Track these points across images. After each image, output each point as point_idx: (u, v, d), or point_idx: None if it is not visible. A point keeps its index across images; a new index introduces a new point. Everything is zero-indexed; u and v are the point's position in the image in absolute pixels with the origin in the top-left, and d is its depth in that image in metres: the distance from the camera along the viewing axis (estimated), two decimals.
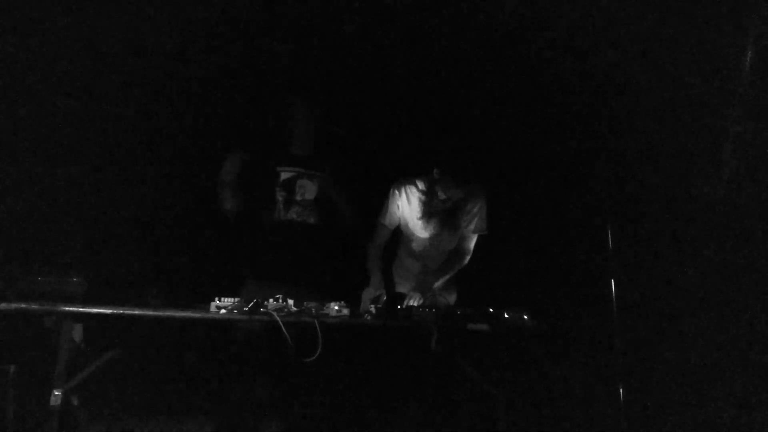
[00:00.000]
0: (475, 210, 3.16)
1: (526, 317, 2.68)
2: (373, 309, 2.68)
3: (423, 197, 3.13)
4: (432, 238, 3.17)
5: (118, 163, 3.59)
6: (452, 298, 3.24)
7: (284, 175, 3.13)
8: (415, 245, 3.21)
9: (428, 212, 3.13)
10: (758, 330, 3.25)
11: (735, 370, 3.29)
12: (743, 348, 3.28)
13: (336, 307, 2.55)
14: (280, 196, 3.10)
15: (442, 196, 3.04)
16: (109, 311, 2.32)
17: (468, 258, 3.20)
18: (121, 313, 2.34)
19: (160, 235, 3.60)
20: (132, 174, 3.62)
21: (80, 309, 2.31)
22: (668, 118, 3.64)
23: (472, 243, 3.20)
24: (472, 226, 3.17)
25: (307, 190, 3.14)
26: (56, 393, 2.28)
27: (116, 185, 3.59)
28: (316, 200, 3.15)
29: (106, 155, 3.57)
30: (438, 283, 3.11)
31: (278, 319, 2.37)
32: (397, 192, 3.18)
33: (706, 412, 3.26)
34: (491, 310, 2.70)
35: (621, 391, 2.98)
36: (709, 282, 3.45)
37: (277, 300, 2.49)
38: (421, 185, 3.14)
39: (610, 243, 3.06)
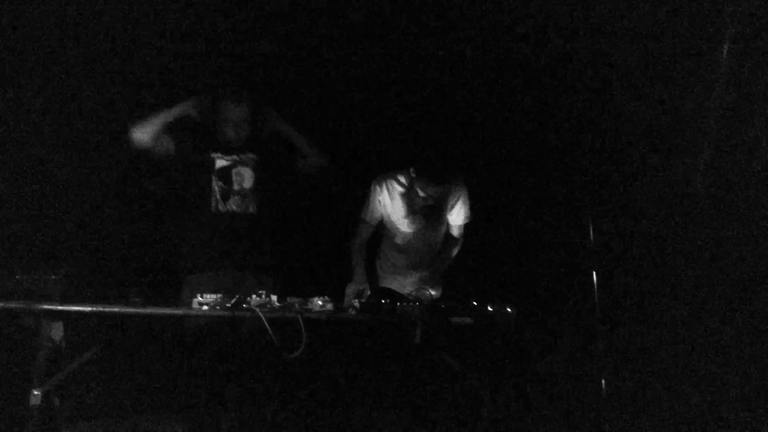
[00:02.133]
0: (458, 200, 3.17)
1: (509, 310, 2.69)
2: (356, 304, 2.67)
3: (404, 192, 3.12)
4: (416, 232, 3.17)
5: (98, 160, 3.55)
6: (437, 292, 3.24)
7: (219, 163, 3.03)
8: (399, 239, 3.20)
9: (411, 208, 3.13)
10: (742, 321, 3.29)
11: (718, 361, 3.33)
12: (727, 340, 3.32)
13: (320, 303, 2.54)
14: (216, 185, 3.01)
15: (421, 194, 3.03)
16: (88, 309, 2.29)
17: (461, 243, 3.24)
18: (101, 311, 2.31)
19: (140, 232, 3.56)
20: (112, 171, 3.58)
21: (59, 307, 2.28)
22: (649, 109, 3.67)
23: (461, 230, 3.23)
24: (458, 217, 3.20)
25: (245, 178, 3.05)
26: (35, 393, 2.24)
27: (96, 182, 3.55)
28: (255, 189, 3.05)
29: (86, 152, 3.52)
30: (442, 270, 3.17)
31: (261, 315, 2.35)
32: (378, 187, 3.16)
33: (688, 404, 3.30)
34: (475, 303, 2.71)
35: (603, 383, 2.99)
36: (693, 274, 3.49)
37: (260, 296, 2.47)
38: (402, 179, 3.13)
39: (592, 235, 3.07)
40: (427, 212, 3.13)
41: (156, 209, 3.60)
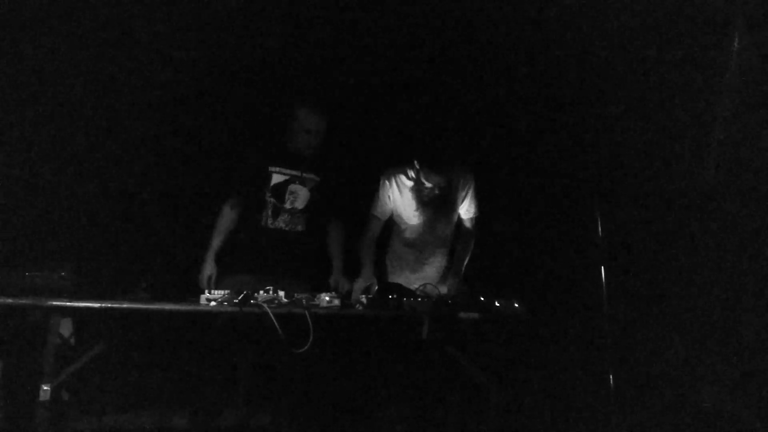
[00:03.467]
0: (468, 193, 3.18)
1: (516, 305, 2.68)
2: (364, 299, 2.67)
3: (413, 186, 3.13)
4: (426, 226, 3.17)
5: (106, 157, 3.56)
6: (456, 287, 3.23)
7: (275, 179, 3.06)
8: (409, 234, 3.20)
9: (420, 200, 3.13)
10: (748, 318, 3.27)
11: (726, 357, 3.32)
12: (734, 336, 3.31)
13: (327, 298, 2.55)
14: (269, 201, 3.05)
15: (428, 184, 3.04)
16: (97, 305, 2.30)
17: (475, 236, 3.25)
18: (109, 307, 2.32)
19: (149, 228, 3.57)
20: (120, 168, 3.59)
21: (67, 303, 2.29)
22: (657, 106, 3.65)
23: (473, 222, 3.24)
24: (469, 209, 3.21)
25: (298, 197, 3.10)
26: (44, 388, 2.25)
27: (104, 179, 3.56)
28: (306, 209, 3.11)
29: (94, 149, 3.53)
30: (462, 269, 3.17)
31: (269, 310, 2.36)
32: (387, 182, 3.17)
33: (695, 400, 3.29)
34: (482, 298, 2.71)
35: (611, 378, 2.99)
36: (701, 269, 3.47)
37: (267, 291, 2.47)
38: (410, 173, 3.14)
39: (600, 231, 3.06)
40: (437, 204, 3.14)
41: (165, 206, 3.61)
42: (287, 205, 3.07)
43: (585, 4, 3.66)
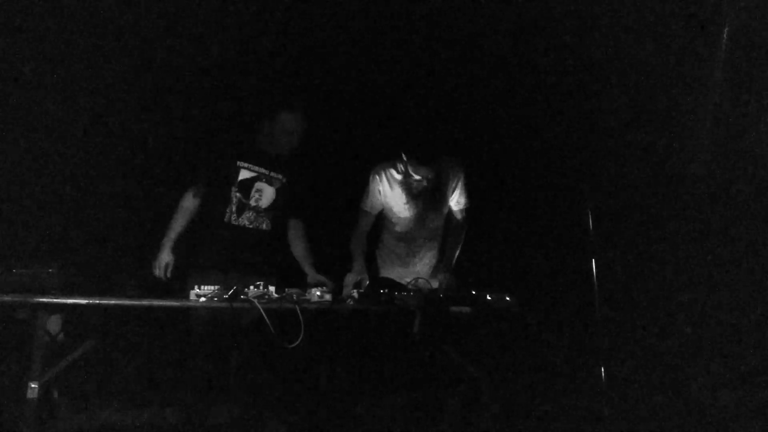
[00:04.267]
0: (458, 184, 3.18)
1: (508, 299, 2.68)
2: (355, 294, 2.66)
3: (402, 179, 3.12)
4: (416, 218, 3.17)
5: (92, 154, 3.53)
6: (447, 281, 3.23)
7: (243, 174, 3.01)
8: (400, 227, 3.20)
9: (410, 193, 3.12)
10: (740, 308, 3.29)
11: (715, 349, 3.34)
12: (725, 327, 3.32)
13: (318, 293, 2.54)
14: (234, 196, 3.00)
15: (416, 177, 3.04)
16: (85, 302, 2.28)
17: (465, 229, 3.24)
18: (98, 304, 2.30)
19: (137, 224, 3.55)
20: (107, 164, 3.56)
21: (56, 300, 2.27)
22: (648, 96, 3.66)
23: (463, 214, 3.23)
24: (459, 201, 3.20)
25: (263, 195, 3.05)
26: (32, 385, 2.24)
27: (91, 176, 3.53)
28: (271, 208, 3.06)
29: (82, 146, 3.50)
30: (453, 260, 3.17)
31: (259, 306, 2.34)
32: (377, 177, 3.16)
33: (686, 391, 3.31)
34: (474, 292, 2.70)
35: (603, 370, 3.00)
36: (692, 261, 3.49)
37: (257, 287, 2.46)
38: (399, 166, 3.14)
39: (591, 223, 3.07)
40: (426, 196, 3.14)
41: (153, 201, 3.59)
42: (252, 203, 3.02)
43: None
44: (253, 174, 3.03)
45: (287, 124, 3.00)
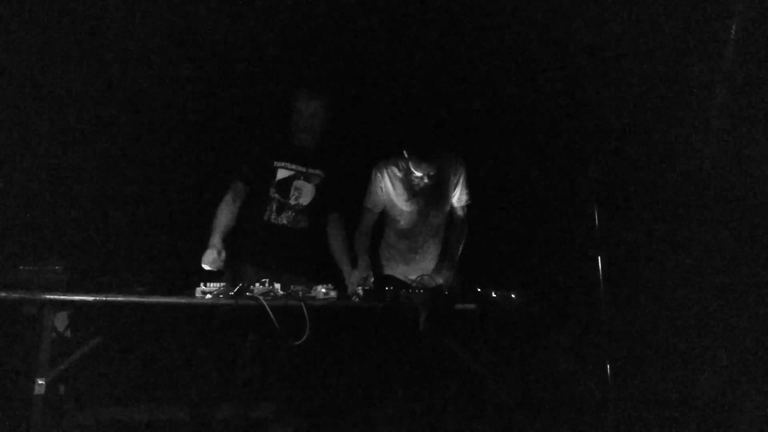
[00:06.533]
0: (459, 180, 3.18)
1: (513, 296, 2.68)
2: (360, 291, 2.67)
3: (404, 176, 3.12)
4: (419, 215, 3.17)
5: (102, 150, 3.54)
6: (450, 278, 3.23)
7: (281, 174, 3.03)
8: (402, 224, 3.20)
9: (411, 190, 3.12)
10: (744, 306, 3.28)
11: (721, 345, 3.32)
12: (730, 324, 3.31)
13: (323, 290, 2.54)
14: (273, 197, 3.02)
15: (417, 173, 3.04)
16: (92, 299, 2.29)
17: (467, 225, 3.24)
18: (105, 300, 2.31)
19: (145, 221, 3.56)
20: (115, 161, 3.57)
21: (63, 297, 2.28)
22: (654, 93, 3.64)
23: (464, 210, 3.24)
24: (460, 198, 3.20)
25: (303, 193, 3.07)
26: (40, 382, 2.25)
27: (99, 172, 3.54)
28: (311, 205, 3.08)
29: (88, 142, 3.51)
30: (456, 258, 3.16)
31: (264, 303, 2.35)
32: (379, 174, 3.17)
33: (693, 389, 3.30)
34: (479, 289, 2.70)
35: (608, 368, 2.99)
36: (697, 258, 3.47)
37: (263, 284, 2.47)
38: (401, 163, 3.14)
39: (597, 220, 3.05)
40: (428, 193, 3.14)
41: (161, 199, 3.60)
42: (292, 201, 3.04)
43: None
44: (290, 173, 3.05)
45: (300, 104, 3.02)
